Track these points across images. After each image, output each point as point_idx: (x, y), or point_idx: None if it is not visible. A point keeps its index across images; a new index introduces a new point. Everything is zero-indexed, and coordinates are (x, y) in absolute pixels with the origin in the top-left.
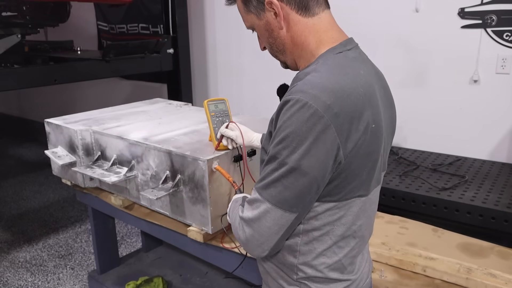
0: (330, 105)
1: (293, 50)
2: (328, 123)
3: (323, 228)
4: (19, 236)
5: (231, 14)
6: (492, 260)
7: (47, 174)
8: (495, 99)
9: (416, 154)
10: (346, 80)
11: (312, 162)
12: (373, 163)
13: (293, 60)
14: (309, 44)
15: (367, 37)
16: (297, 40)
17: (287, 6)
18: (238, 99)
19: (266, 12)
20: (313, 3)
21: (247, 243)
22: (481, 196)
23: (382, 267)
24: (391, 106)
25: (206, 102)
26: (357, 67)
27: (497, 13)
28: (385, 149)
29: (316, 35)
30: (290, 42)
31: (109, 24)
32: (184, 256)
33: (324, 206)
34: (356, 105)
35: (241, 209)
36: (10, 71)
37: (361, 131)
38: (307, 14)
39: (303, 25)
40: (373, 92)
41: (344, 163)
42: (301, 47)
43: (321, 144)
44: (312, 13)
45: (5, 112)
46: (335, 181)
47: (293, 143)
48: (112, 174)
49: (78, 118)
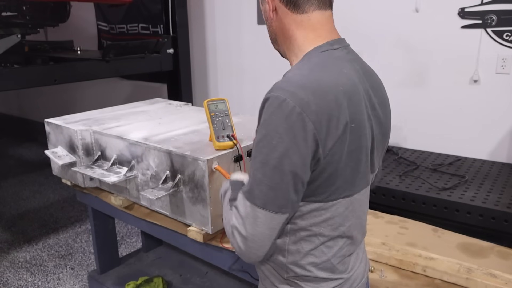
0: (308, 102)
1: (283, 42)
2: (307, 119)
3: (310, 229)
4: (19, 236)
5: (231, 14)
6: (492, 260)
7: (47, 174)
8: (495, 99)
9: (416, 154)
10: (325, 78)
11: (294, 159)
12: (356, 163)
13: (284, 51)
14: (296, 39)
15: (367, 37)
16: (286, 34)
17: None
18: (238, 99)
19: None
20: (302, 1)
21: (242, 254)
22: (481, 196)
23: (382, 267)
24: (383, 105)
25: (206, 102)
26: (340, 66)
27: (497, 13)
28: (376, 148)
29: (303, 32)
30: (280, 34)
31: (109, 24)
32: (184, 256)
33: (309, 206)
34: (334, 103)
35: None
36: (10, 71)
37: (340, 129)
38: (295, 10)
39: (290, 19)
40: (355, 90)
41: (324, 161)
42: (290, 40)
43: (301, 141)
44: (301, 10)
45: (5, 112)
46: (317, 181)
47: (273, 141)
48: (112, 174)
49: (78, 118)
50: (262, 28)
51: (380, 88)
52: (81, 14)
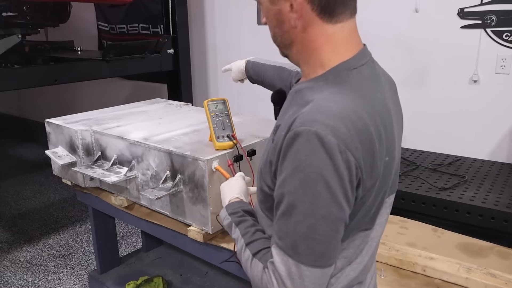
0: (352, 137)
1: (301, 53)
2: (351, 158)
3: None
4: (19, 236)
5: (231, 14)
6: (491, 260)
7: (47, 174)
8: (494, 99)
9: (416, 154)
10: (363, 107)
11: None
12: (382, 197)
13: (297, 61)
14: (321, 53)
15: (367, 37)
16: (309, 46)
17: (309, 4)
18: (238, 99)
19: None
20: (340, 10)
21: None
22: (481, 196)
23: (382, 267)
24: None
25: (206, 102)
26: (373, 88)
27: (496, 13)
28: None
29: (333, 46)
30: (300, 44)
31: (109, 24)
32: (184, 256)
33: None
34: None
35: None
36: (10, 71)
37: (379, 166)
38: (329, 20)
39: (320, 30)
40: (389, 117)
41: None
42: (311, 53)
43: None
44: (335, 20)
45: (5, 112)
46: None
47: (317, 187)
48: (113, 174)
49: (78, 118)
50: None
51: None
52: (81, 14)
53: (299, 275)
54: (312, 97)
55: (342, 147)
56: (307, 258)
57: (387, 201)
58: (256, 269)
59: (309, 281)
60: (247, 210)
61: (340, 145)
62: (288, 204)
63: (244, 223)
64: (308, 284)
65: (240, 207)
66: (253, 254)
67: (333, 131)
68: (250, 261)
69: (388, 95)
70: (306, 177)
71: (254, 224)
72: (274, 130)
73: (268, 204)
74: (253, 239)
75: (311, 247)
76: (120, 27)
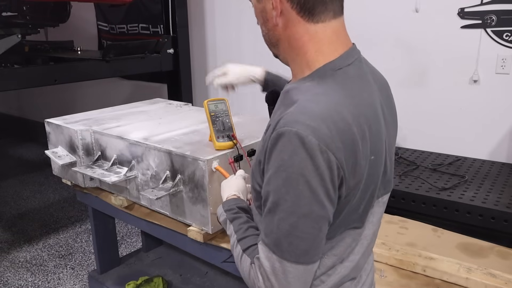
0: (333, 138)
1: (288, 51)
2: (332, 158)
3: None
4: (19, 236)
5: (231, 14)
6: (492, 260)
7: (47, 174)
8: (495, 99)
9: (416, 154)
10: (346, 106)
11: (325, 204)
12: (371, 195)
13: (286, 61)
14: (306, 52)
15: (367, 38)
16: (294, 44)
17: (288, 2)
18: (238, 99)
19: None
20: (320, 9)
21: None
22: (481, 196)
23: (382, 267)
24: (394, 115)
25: (206, 102)
26: (359, 89)
27: (497, 13)
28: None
29: (317, 45)
30: (286, 42)
31: (109, 24)
32: (184, 256)
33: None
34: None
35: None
36: (10, 71)
37: (363, 166)
38: (310, 19)
39: (302, 29)
40: (376, 117)
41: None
42: (297, 52)
43: (329, 183)
44: (316, 19)
45: (5, 112)
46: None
47: (299, 186)
48: (112, 174)
49: (78, 118)
50: None
51: (391, 97)
52: (81, 14)
53: (283, 271)
54: (297, 98)
55: (323, 147)
56: (290, 255)
57: (380, 200)
58: (245, 265)
59: (292, 277)
60: (242, 207)
61: (321, 145)
62: (273, 202)
63: (238, 220)
64: (292, 280)
65: (235, 204)
66: (243, 250)
67: (314, 131)
68: (240, 256)
69: (376, 94)
70: (288, 177)
71: (247, 221)
72: (265, 130)
73: (259, 201)
74: (244, 236)
75: (294, 244)
76: (120, 27)
